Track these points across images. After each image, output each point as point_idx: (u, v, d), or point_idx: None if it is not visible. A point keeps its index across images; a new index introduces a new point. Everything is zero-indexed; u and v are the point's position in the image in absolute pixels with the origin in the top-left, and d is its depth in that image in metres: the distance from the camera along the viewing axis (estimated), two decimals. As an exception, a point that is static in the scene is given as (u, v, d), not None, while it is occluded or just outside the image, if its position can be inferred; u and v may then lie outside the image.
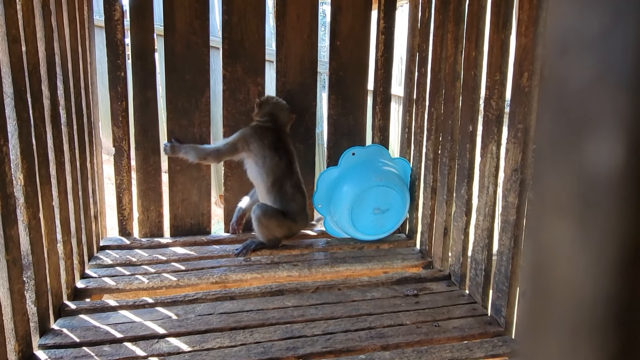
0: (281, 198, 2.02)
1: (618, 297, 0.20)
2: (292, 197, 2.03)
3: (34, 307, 1.36)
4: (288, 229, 2.05)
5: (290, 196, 2.03)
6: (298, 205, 2.05)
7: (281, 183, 2.02)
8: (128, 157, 2.13)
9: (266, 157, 2.01)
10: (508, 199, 1.47)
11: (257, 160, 2.02)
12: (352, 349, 1.40)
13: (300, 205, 2.06)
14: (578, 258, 0.22)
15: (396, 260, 2.02)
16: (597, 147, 0.21)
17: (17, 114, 1.27)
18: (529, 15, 1.35)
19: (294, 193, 2.04)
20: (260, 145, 2.01)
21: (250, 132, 2.04)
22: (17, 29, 1.28)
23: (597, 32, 0.21)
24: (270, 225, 2.00)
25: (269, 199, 2.04)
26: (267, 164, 2.01)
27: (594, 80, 0.21)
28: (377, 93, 2.38)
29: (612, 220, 0.20)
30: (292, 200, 2.04)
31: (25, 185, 1.31)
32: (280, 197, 2.02)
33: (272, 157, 2.00)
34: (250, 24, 2.17)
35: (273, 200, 2.03)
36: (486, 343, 1.44)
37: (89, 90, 1.95)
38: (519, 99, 1.40)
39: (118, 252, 2.02)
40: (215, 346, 1.39)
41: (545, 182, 0.24)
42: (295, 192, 2.05)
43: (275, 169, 2.01)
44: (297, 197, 2.05)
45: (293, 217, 2.04)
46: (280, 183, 2.02)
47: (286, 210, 2.02)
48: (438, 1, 1.91)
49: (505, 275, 1.49)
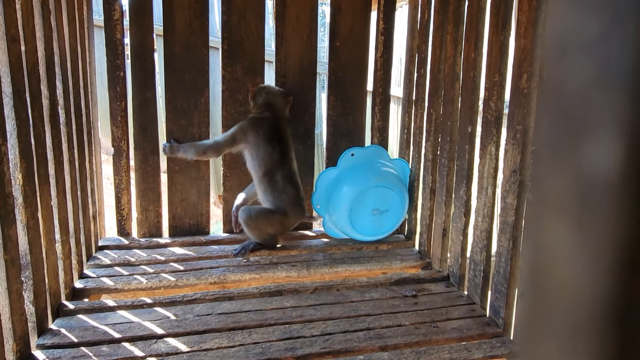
0: (272, 189, 2.00)
1: (616, 298, 0.20)
2: (282, 188, 2.01)
3: (32, 307, 1.36)
4: (280, 223, 2.03)
5: (281, 188, 2.00)
6: (289, 197, 2.02)
7: (272, 174, 2.00)
8: (127, 157, 2.13)
9: (259, 148, 2.00)
10: (507, 200, 1.47)
11: (252, 151, 2.02)
12: (351, 350, 1.40)
13: (292, 197, 2.02)
14: (576, 259, 0.22)
15: (395, 261, 2.02)
16: (596, 149, 0.21)
17: (15, 113, 1.27)
18: (528, 17, 1.35)
19: (284, 185, 2.01)
20: (255, 137, 2.00)
21: (247, 123, 2.04)
22: (16, 29, 1.28)
23: (596, 34, 0.21)
24: (259, 225, 1.99)
25: (260, 190, 2.03)
26: (259, 155, 2.00)
27: (592, 82, 0.21)
28: (376, 94, 2.38)
29: (611, 221, 0.20)
30: (283, 192, 2.01)
31: (24, 184, 1.30)
32: (271, 188, 2.00)
33: (265, 148, 1.99)
34: (250, 25, 2.17)
35: (264, 191, 2.02)
36: (484, 344, 1.44)
37: (88, 90, 1.95)
38: (518, 101, 1.41)
39: (116, 252, 2.01)
40: (213, 346, 1.39)
41: (544, 183, 0.24)
42: (286, 184, 2.01)
43: (267, 160, 1.99)
44: (288, 189, 2.02)
45: (283, 210, 2.01)
46: (272, 174, 2.00)
47: (276, 204, 2.00)
48: (437, 2, 1.92)
49: (504, 276, 1.49)
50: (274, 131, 2.02)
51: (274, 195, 2.00)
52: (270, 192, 2.01)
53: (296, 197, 2.05)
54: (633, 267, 0.20)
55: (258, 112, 2.07)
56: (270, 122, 2.03)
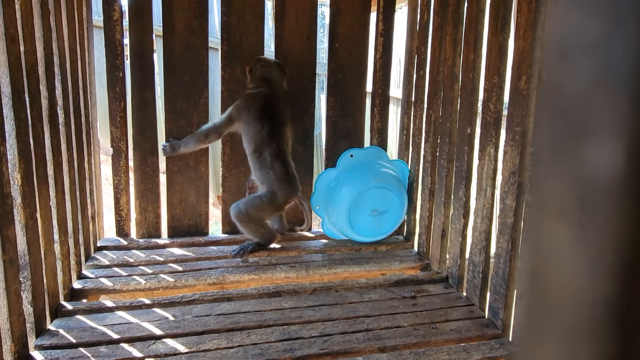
0: (260, 166, 1.98)
1: (617, 299, 0.20)
2: (270, 165, 1.96)
3: (31, 307, 1.36)
4: (271, 204, 1.98)
5: (269, 164, 1.96)
6: (277, 174, 1.96)
7: (261, 151, 1.97)
8: (126, 157, 2.13)
9: (250, 125, 1.98)
10: (506, 201, 1.47)
11: (244, 129, 2.00)
12: (349, 351, 1.40)
13: (280, 174, 1.96)
14: (576, 261, 0.22)
15: (394, 262, 2.02)
16: (596, 151, 0.21)
17: (14, 113, 1.26)
18: (528, 19, 1.36)
19: (272, 161, 1.96)
20: (246, 114, 1.99)
21: (240, 101, 2.03)
22: (16, 29, 1.27)
23: (597, 35, 0.21)
24: (251, 215, 1.97)
25: (251, 167, 2.03)
26: (249, 132, 1.98)
27: (592, 83, 0.21)
28: (375, 95, 2.39)
29: (611, 223, 0.20)
30: (270, 169, 1.96)
31: (23, 185, 1.30)
32: (259, 165, 1.98)
33: (254, 124, 1.97)
34: (249, 25, 2.17)
35: (253, 168, 2.01)
36: (483, 345, 1.44)
37: (87, 90, 1.95)
38: (517, 102, 1.41)
39: (115, 252, 2.01)
40: (212, 347, 1.38)
41: (545, 185, 0.24)
42: (274, 160, 1.96)
43: (257, 137, 1.97)
44: (276, 166, 1.96)
45: (271, 192, 1.97)
46: (260, 151, 1.97)
47: (263, 181, 1.98)
48: (437, 4, 1.92)
49: (503, 277, 1.49)
50: (266, 107, 1.98)
51: (262, 172, 1.98)
52: (258, 169, 1.99)
53: (285, 174, 1.98)
54: (633, 269, 0.20)
55: (253, 88, 2.05)
56: (263, 98, 2.00)
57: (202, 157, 2.22)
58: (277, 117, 2.01)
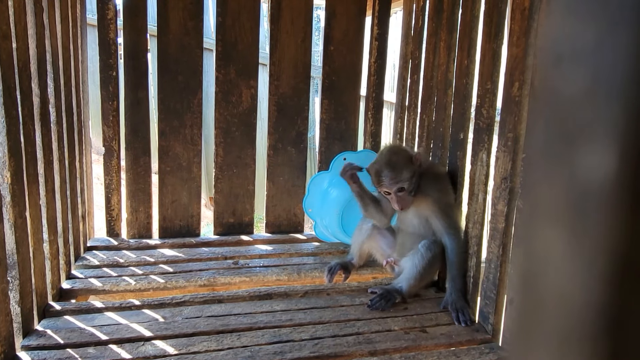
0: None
1: (608, 305, 0.20)
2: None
3: (18, 307, 1.34)
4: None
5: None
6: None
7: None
8: (118, 157, 2.12)
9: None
10: (497, 206, 1.48)
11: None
12: (340, 354, 1.39)
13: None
14: (568, 266, 0.22)
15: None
16: (589, 157, 0.21)
17: (5, 111, 1.25)
18: (521, 26, 1.37)
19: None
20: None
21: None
22: (8, 25, 1.26)
23: (591, 42, 0.21)
24: (434, 267, 1.73)
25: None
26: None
27: (586, 90, 0.21)
28: (369, 99, 2.39)
29: (602, 229, 0.20)
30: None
31: (12, 183, 1.29)
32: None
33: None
34: (245, 27, 2.17)
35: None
36: (473, 350, 1.45)
37: (80, 88, 1.94)
38: (510, 108, 1.42)
39: (105, 252, 1.99)
40: (202, 350, 1.37)
41: (536, 190, 0.24)
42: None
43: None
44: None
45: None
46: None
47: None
48: (431, 9, 1.93)
49: (494, 282, 1.50)
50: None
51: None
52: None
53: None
54: (625, 275, 0.20)
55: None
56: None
57: (194, 158, 2.21)
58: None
